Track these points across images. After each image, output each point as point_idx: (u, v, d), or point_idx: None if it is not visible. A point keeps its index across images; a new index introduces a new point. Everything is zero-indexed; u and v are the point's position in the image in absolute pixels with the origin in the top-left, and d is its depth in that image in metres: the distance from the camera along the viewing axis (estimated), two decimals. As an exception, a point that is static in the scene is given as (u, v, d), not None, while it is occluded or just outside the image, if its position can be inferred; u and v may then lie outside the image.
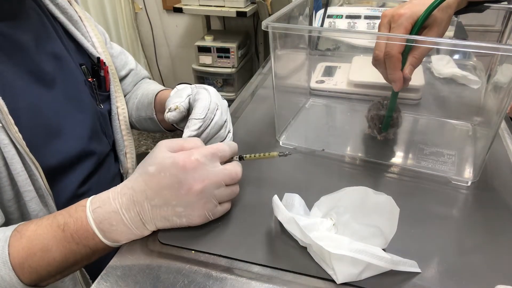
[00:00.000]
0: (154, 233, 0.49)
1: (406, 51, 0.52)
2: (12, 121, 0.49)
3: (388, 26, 0.53)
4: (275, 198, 0.47)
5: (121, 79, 0.80)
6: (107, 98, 0.71)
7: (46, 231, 0.46)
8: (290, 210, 0.47)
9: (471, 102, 0.81)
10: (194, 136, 0.56)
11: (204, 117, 0.57)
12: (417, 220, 0.50)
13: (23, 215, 0.54)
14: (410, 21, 0.51)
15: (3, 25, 0.53)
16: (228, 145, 0.50)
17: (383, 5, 1.04)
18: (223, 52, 2.07)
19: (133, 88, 0.82)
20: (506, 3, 0.63)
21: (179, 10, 1.99)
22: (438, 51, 0.94)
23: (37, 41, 0.57)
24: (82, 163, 0.62)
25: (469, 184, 0.56)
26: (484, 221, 0.50)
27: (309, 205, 0.51)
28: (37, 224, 0.46)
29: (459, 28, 1.05)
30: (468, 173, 0.58)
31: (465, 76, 0.84)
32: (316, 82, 0.85)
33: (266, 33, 0.57)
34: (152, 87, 0.78)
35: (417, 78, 0.78)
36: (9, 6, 0.54)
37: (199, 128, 0.56)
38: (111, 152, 0.72)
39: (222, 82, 2.19)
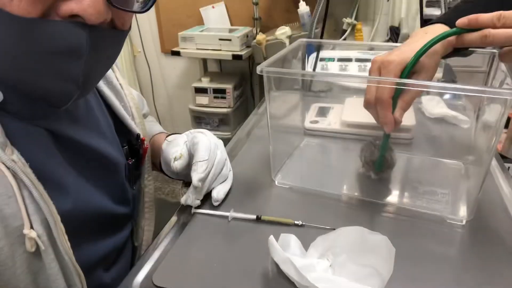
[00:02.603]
0: (149, 276, 0.49)
1: (396, 95, 0.53)
2: (63, 230, 0.44)
3: (378, 72, 0.55)
4: (271, 238, 0.47)
5: None
6: (138, 176, 0.66)
7: None
8: (286, 251, 0.47)
9: (462, 141, 0.83)
10: (203, 178, 0.57)
11: (208, 158, 0.58)
12: (414, 260, 0.50)
13: None
14: (399, 67, 0.53)
15: (51, 124, 0.47)
16: None
17: (372, 49, 1.09)
18: (219, 92, 2.11)
19: None
20: (490, 47, 0.66)
21: (177, 54, 2.05)
22: (428, 92, 0.96)
23: (84, 136, 0.52)
24: (110, 256, 0.59)
25: (463, 223, 0.56)
26: (480, 260, 0.50)
27: (306, 246, 0.50)
28: None
29: (447, 69, 1.09)
30: (462, 211, 0.59)
31: (455, 116, 0.87)
32: (310, 122, 0.87)
33: (261, 75, 0.59)
34: (147, 128, 0.77)
35: (409, 118, 0.80)
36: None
37: (205, 169, 0.57)
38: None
39: (218, 122, 2.22)
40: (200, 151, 0.58)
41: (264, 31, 1.91)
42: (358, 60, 1.09)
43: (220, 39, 1.94)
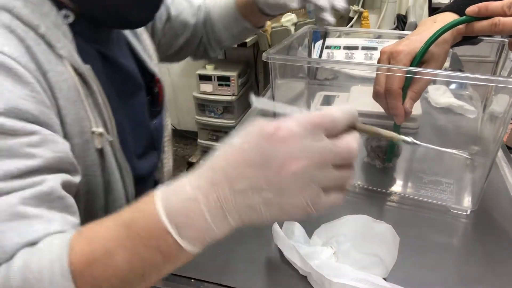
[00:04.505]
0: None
1: (406, 86, 0.53)
2: (115, 133, 0.55)
3: (388, 62, 0.54)
4: (275, 225, 0.47)
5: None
6: (158, 113, 0.74)
7: (109, 230, 0.36)
8: (290, 238, 0.47)
9: (468, 131, 0.82)
10: None
11: None
12: (418, 249, 0.50)
13: None
14: (408, 57, 0.52)
15: (102, 47, 0.58)
16: (342, 111, 0.36)
17: (378, 37, 1.07)
18: (223, 80, 2.10)
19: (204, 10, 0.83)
20: (499, 36, 0.65)
21: (181, 40, 2.03)
22: (434, 82, 0.96)
23: (122, 60, 0.62)
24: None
25: (468, 212, 0.56)
26: (484, 250, 0.50)
27: (309, 233, 0.51)
28: (99, 223, 0.37)
29: (454, 59, 1.07)
30: (467, 201, 0.59)
31: (461, 106, 0.86)
32: (315, 110, 0.86)
33: (266, 63, 0.58)
34: None
35: (415, 108, 0.79)
36: (106, 31, 0.60)
37: None
38: None
39: (222, 110, 2.21)
40: None
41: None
42: (364, 48, 1.08)
43: (225, 26, 1.93)
